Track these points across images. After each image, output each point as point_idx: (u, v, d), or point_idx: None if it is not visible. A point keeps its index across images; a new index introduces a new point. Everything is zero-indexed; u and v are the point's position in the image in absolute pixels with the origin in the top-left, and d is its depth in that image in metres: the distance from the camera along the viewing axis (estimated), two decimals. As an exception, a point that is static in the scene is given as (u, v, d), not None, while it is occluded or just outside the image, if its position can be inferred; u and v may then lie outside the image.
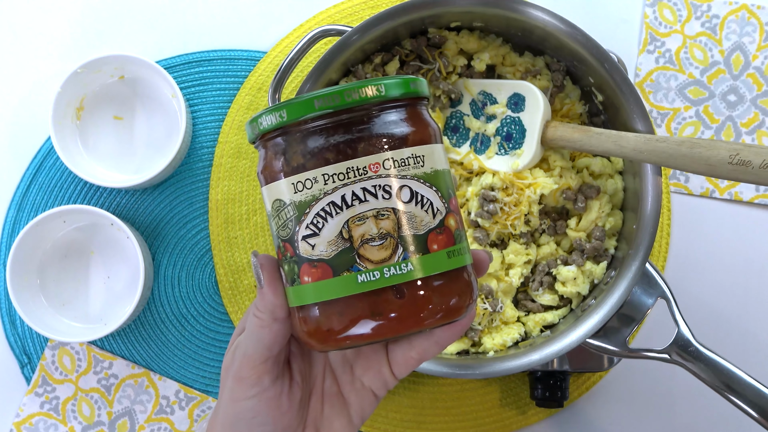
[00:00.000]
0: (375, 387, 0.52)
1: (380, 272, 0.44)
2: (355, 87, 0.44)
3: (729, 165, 0.64)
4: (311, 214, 0.45)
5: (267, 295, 0.47)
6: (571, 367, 0.80)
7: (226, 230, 0.85)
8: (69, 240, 0.84)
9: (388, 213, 0.44)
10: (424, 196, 0.45)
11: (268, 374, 0.49)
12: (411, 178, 0.45)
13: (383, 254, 0.44)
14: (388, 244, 0.44)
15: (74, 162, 0.81)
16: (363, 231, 0.44)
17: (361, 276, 0.44)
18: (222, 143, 0.86)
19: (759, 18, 0.88)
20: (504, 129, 0.77)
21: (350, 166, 0.44)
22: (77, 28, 0.87)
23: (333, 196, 0.44)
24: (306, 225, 0.45)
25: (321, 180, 0.44)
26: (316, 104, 0.44)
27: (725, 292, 0.87)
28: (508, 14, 0.74)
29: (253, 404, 0.49)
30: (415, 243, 0.45)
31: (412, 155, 0.45)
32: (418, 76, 0.48)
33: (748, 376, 0.70)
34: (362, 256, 0.44)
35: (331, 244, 0.44)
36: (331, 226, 0.44)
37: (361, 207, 0.44)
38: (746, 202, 0.88)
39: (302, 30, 0.87)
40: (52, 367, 0.84)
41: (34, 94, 0.87)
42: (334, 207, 0.44)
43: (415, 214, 0.45)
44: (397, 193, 0.44)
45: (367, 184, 0.44)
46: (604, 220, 0.77)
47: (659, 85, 0.88)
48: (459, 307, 0.46)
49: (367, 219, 0.44)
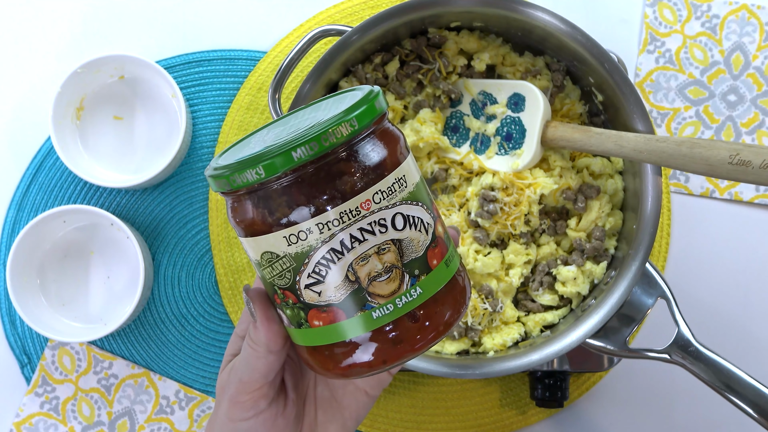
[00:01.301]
0: (369, 386, 0.52)
1: (393, 304, 0.44)
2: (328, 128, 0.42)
3: (729, 165, 0.64)
4: (311, 264, 0.43)
5: (261, 330, 0.47)
6: (571, 367, 0.80)
7: (226, 230, 0.85)
8: (69, 240, 0.84)
9: (388, 246, 0.44)
10: (415, 217, 0.45)
11: (264, 398, 0.49)
12: (400, 203, 0.44)
13: (392, 287, 0.44)
14: (395, 275, 0.44)
15: (74, 162, 0.81)
16: (369, 269, 0.44)
17: (376, 312, 0.44)
18: (222, 143, 0.86)
19: (759, 18, 0.88)
20: (504, 129, 0.77)
21: (343, 210, 0.43)
22: (77, 28, 0.87)
23: (332, 243, 0.43)
24: (307, 275, 0.44)
25: (316, 230, 0.43)
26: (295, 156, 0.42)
27: (725, 292, 0.87)
28: (508, 14, 0.74)
29: (250, 425, 0.49)
30: (419, 265, 0.45)
31: (396, 180, 0.44)
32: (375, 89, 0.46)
33: (748, 376, 0.70)
34: (372, 294, 0.44)
35: (338, 289, 0.44)
36: (335, 272, 0.43)
37: (362, 247, 0.43)
38: (746, 202, 0.88)
39: (302, 30, 0.87)
40: (52, 367, 0.84)
41: (34, 94, 0.87)
42: (334, 254, 0.43)
43: (412, 237, 0.44)
44: (391, 223, 0.44)
45: (363, 223, 0.43)
46: (604, 220, 0.77)
47: (659, 85, 0.88)
48: (462, 303, 0.47)
49: (369, 257, 0.43)
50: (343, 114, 0.43)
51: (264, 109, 0.86)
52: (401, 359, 0.45)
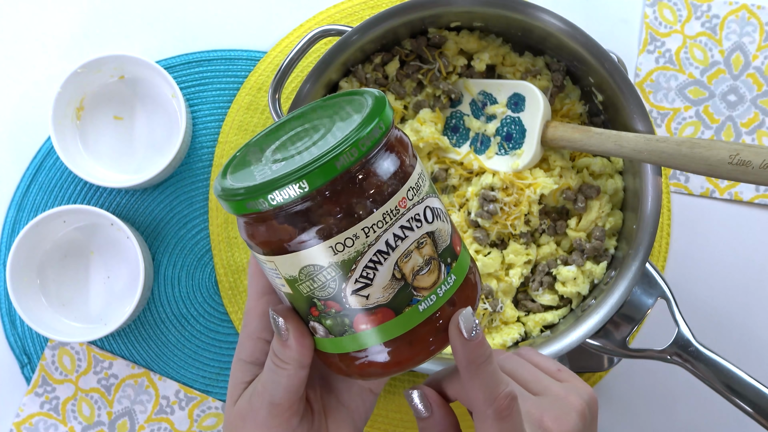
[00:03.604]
0: (373, 384, 0.53)
1: (435, 294, 0.45)
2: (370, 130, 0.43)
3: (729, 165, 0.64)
4: (359, 269, 0.44)
5: (294, 347, 0.47)
6: (571, 367, 0.80)
7: (226, 230, 0.85)
8: (69, 240, 0.84)
9: (426, 239, 0.45)
10: (437, 209, 0.46)
11: (296, 415, 0.49)
12: (426, 197, 0.46)
13: (433, 278, 0.45)
14: (434, 267, 0.45)
15: (74, 162, 0.81)
16: (412, 264, 0.45)
17: (422, 305, 0.45)
18: (222, 143, 0.86)
19: (759, 18, 0.88)
20: (504, 129, 0.77)
21: (385, 211, 0.44)
22: (77, 28, 0.87)
23: (378, 245, 0.44)
24: (354, 280, 0.44)
25: (362, 235, 0.43)
26: (338, 164, 0.42)
27: (725, 292, 0.87)
28: (508, 14, 0.74)
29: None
30: (449, 254, 0.46)
31: (419, 175, 0.46)
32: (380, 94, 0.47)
33: (748, 376, 0.70)
34: (417, 287, 0.45)
35: (386, 289, 0.45)
36: (382, 272, 0.44)
37: (404, 244, 0.44)
38: (746, 202, 0.88)
39: (302, 30, 0.87)
40: (52, 367, 0.84)
41: (34, 94, 0.87)
42: (381, 255, 0.44)
43: (440, 228, 0.46)
44: (424, 217, 0.45)
45: (403, 221, 0.44)
46: (604, 220, 0.77)
47: (659, 85, 0.88)
48: (478, 283, 0.49)
49: (412, 252, 0.45)
50: (377, 119, 0.44)
51: (264, 109, 0.86)
52: (443, 346, 0.47)
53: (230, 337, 0.85)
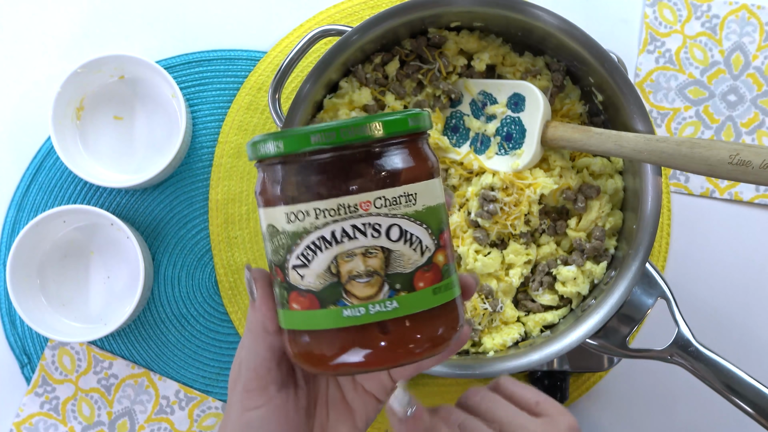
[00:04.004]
0: (376, 391, 0.53)
1: (365, 308, 0.45)
2: (354, 124, 0.44)
3: (729, 165, 0.64)
4: (302, 245, 0.45)
5: (258, 310, 0.48)
6: (571, 367, 0.80)
7: (226, 230, 0.85)
8: (69, 240, 0.84)
9: (376, 251, 0.45)
10: (413, 235, 0.45)
11: (273, 383, 0.49)
12: (401, 216, 0.45)
13: (369, 291, 0.45)
14: (375, 282, 0.45)
15: (74, 162, 0.81)
16: (351, 267, 0.45)
17: (347, 311, 0.45)
18: (222, 143, 0.86)
19: (759, 18, 0.88)
20: (504, 129, 0.77)
21: (341, 203, 0.44)
22: (77, 28, 0.87)
23: (323, 231, 0.44)
24: (296, 255, 0.45)
25: (313, 214, 0.44)
26: (313, 139, 0.44)
27: (725, 292, 0.87)
28: (508, 14, 0.74)
29: (262, 413, 0.49)
30: (402, 281, 0.45)
31: (404, 194, 0.45)
32: (422, 109, 0.48)
33: (748, 376, 0.70)
34: (349, 292, 0.45)
35: (319, 277, 0.45)
36: (320, 260, 0.45)
37: (350, 244, 0.44)
38: (746, 202, 0.88)
39: (302, 30, 0.87)
40: (52, 367, 0.84)
41: (34, 94, 0.87)
42: (324, 242, 0.45)
43: (403, 252, 0.45)
44: (386, 231, 0.45)
45: (357, 221, 0.44)
46: (604, 220, 0.77)
47: (659, 85, 0.88)
48: (444, 338, 0.47)
49: (355, 256, 0.44)
50: (374, 118, 0.45)
51: (264, 109, 0.86)
52: (363, 368, 0.46)
53: (230, 337, 0.85)
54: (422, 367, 0.51)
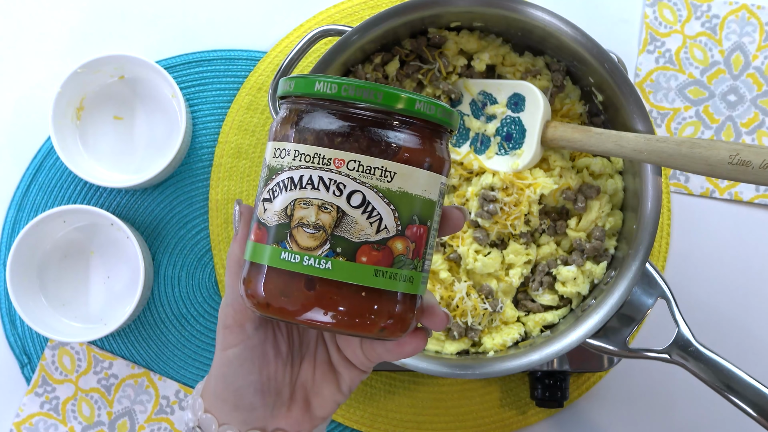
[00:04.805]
0: (357, 362, 0.54)
1: (300, 257, 0.46)
2: (357, 86, 0.46)
3: (729, 165, 0.64)
4: (275, 181, 0.47)
5: (238, 243, 0.50)
6: (571, 367, 0.80)
7: (226, 230, 0.85)
8: (69, 240, 0.84)
9: (331, 209, 0.46)
10: (375, 209, 0.46)
11: (249, 321, 0.51)
12: (370, 187, 0.46)
13: (310, 243, 0.46)
14: (319, 236, 0.46)
15: (74, 162, 0.81)
16: (303, 215, 0.46)
17: (284, 254, 0.46)
18: (222, 143, 0.86)
19: (759, 18, 0.88)
20: (504, 129, 0.77)
21: (318, 152, 0.46)
22: (77, 28, 0.87)
23: (294, 173, 0.46)
24: (268, 189, 0.47)
25: (292, 154, 0.47)
26: (316, 87, 0.46)
27: (725, 292, 0.87)
28: (508, 14, 0.74)
29: (239, 351, 0.51)
30: (345, 246, 0.46)
31: (381, 167, 0.46)
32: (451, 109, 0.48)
33: (748, 376, 0.70)
34: (293, 237, 0.46)
35: (276, 214, 0.47)
36: (281, 199, 0.47)
37: (311, 193, 0.46)
38: (746, 202, 0.88)
39: (302, 30, 0.87)
40: (52, 367, 0.84)
41: (34, 94, 0.87)
42: (291, 182, 0.46)
43: (357, 221, 0.46)
44: (348, 194, 0.46)
45: (325, 174, 0.46)
46: (604, 220, 0.77)
47: (659, 85, 0.88)
48: (369, 325, 0.47)
49: (311, 206, 0.46)
50: (383, 87, 0.46)
51: (264, 109, 0.86)
52: (279, 315, 0.47)
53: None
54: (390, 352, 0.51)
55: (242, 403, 0.52)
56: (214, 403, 0.53)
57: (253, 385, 0.52)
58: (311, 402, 0.54)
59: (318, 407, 0.54)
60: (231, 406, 0.52)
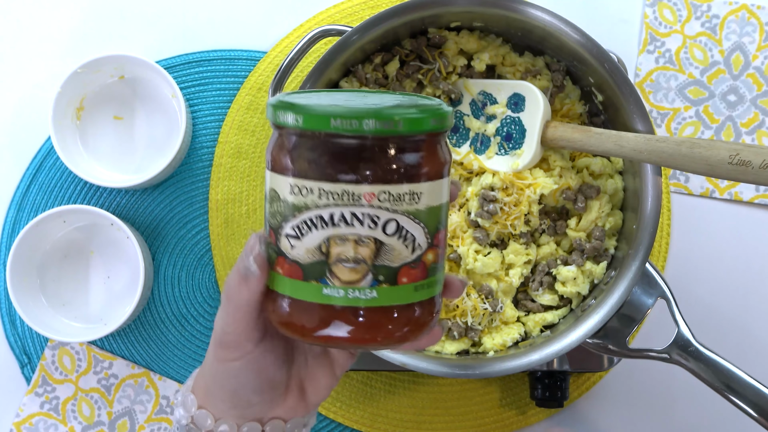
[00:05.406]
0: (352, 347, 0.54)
1: (345, 291, 0.46)
2: (377, 116, 0.44)
3: (729, 165, 0.64)
4: (299, 218, 0.46)
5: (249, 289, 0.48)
6: (571, 367, 0.80)
7: (226, 230, 0.85)
8: (69, 240, 0.84)
9: (369, 241, 0.45)
10: (408, 232, 0.46)
11: (250, 341, 0.51)
12: (402, 213, 0.45)
13: (353, 276, 0.46)
14: (360, 269, 0.46)
15: (74, 162, 0.81)
16: (340, 251, 0.45)
17: (327, 290, 0.46)
18: (222, 143, 0.86)
19: (759, 18, 0.88)
20: (504, 129, 0.77)
21: (346, 190, 0.45)
22: (77, 28, 0.87)
23: (323, 211, 0.45)
24: (292, 226, 0.46)
25: (316, 192, 0.45)
26: (333, 124, 0.44)
27: (725, 292, 0.87)
28: (508, 14, 0.74)
29: (239, 365, 0.51)
30: (386, 274, 0.46)
31: (409, 192, 0.46)
32: (447, 108, 0.47)
33: (748, 376, 0.70)
34: (333, 273, 0.46)
35: (308, 252, 0.46)
36: (313, 237, 0.46)
37: (346, 229, 0.45)
38: (746, 202, 0.88)
39: (302, 30, 0.87)
40: (52, 367, 0.84)
41: (34, 94, 0.87)
42: (321, 221, 0.45)
43: (395, 247, 0.46)
44: (383, 225, 0.45)
45: (357, 210, 0.45)
46: (604, 220, 0.77)
47: (659, 85, 0.88)
48: (414, 332, 0.48)
49: (347, 241, 0.45)
50: (398, 112, 0.45)
51: (264, 109, 0.86)
52: (331, 343, 0.47)
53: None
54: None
55: (239, 402, 0.52)
56: (208, 400, 0.53)
57: (251, 387, 0.52)
58: (306, 389, 0.54)
59: (312, 393, 0.55)
60: (228, 404, 0.52)
